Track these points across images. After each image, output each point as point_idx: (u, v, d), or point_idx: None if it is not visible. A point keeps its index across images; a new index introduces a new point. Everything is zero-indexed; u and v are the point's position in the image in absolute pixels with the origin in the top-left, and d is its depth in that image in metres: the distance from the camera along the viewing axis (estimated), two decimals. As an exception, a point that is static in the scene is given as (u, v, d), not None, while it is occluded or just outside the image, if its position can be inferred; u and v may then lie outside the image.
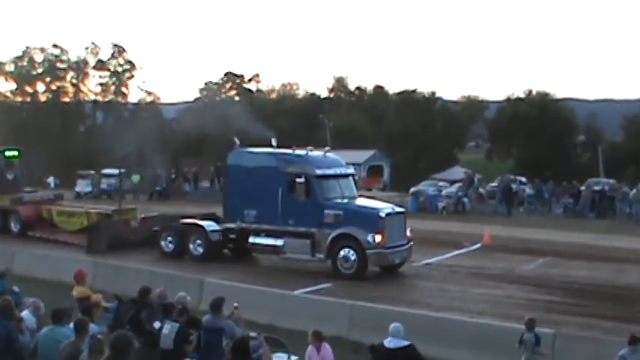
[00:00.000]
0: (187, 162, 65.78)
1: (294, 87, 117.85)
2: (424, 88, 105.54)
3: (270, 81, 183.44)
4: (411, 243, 26.76)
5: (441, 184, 55.01)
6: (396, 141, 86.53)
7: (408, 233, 26.80)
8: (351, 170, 29.28)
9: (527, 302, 22.34)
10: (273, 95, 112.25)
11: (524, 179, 55.96)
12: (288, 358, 13.06)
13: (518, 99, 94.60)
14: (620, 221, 42.55)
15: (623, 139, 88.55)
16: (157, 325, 12.81)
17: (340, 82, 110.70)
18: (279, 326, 17.62)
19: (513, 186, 50.11)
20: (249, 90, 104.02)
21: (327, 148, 29.47)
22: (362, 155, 66.08)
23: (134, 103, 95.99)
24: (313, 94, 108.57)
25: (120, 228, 31.70)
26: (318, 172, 26.83)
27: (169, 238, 29.31)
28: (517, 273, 26.54)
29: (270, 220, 27.13)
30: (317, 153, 28.27)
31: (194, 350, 12.50)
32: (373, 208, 26.95)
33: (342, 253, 25.55)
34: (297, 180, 26.35)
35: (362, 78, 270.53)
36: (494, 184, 53.56)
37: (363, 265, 25.42)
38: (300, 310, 19.01)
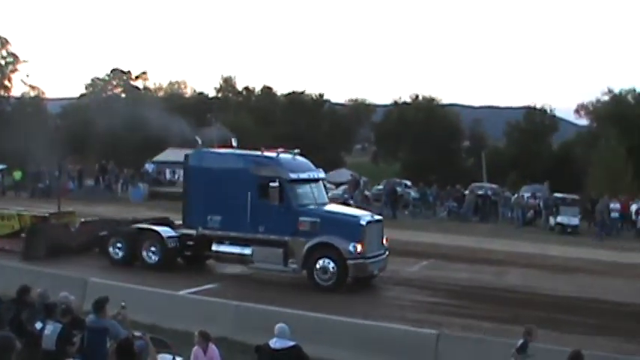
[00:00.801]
0: (72, 159, 64.45)
1: (182, 85, 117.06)
2: (312, 90, 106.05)
3: (157, 79, 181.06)
4: (387, 252, 25.56)
5: (327, 186, 55.30)
6: (283, 142, 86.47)
7: (384, 242, 25.54)
8: (322, 174, 27.56)
9: (411, 304, 22.85)
10: (161, 93, 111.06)
11: (409, 183, 56.88)
12: (173, 358, 12.91)
13: (405, 103, 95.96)
14: (502, 225, 43.66)
15: (505, 145, 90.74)
16: (38, 325, 12.48)
17: (228, 82, 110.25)
18: (164, 327, 17.34)
19: (398, 189, 50.94)
20: (136, 87, 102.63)
21: (296, 151, 27.23)
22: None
23: (17, 98, 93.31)
24: (201, 94, 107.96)
25: (59, 233, 29.16)
26: (292, 175, 25.13)
27: (119, 245, 26.99)
28: (402, 275, 26.96)
29: (237, 227, 25.22)
30: (286, 155, 26.36)
31: (77, 351, 12.23)
32: (353, 216, 25.66)
33: (319, 263, 23.98)
34: (271, 184, 24.40)
35: (250, 78, 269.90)
36: (380, 187, 54.22)
37: (343, 276, 23.94)
38: (184, 310, 18.70)
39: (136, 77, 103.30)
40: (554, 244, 36.27)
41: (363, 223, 24.58)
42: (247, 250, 25.03)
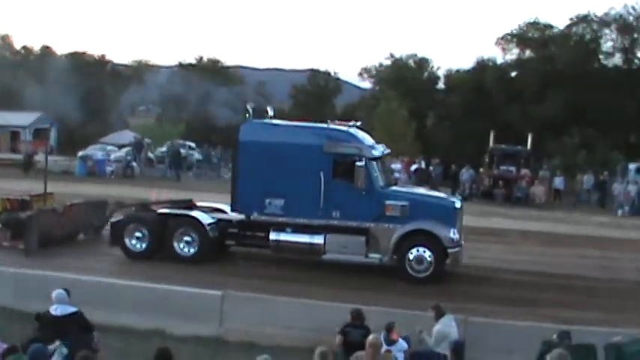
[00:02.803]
0: None
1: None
2: (94, 51, 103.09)
3: None
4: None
5: (109, 148, 54.43)
6: (64, 103, 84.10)
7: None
8: (387, 149, 24.40)
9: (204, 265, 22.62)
10: None
11: (193, 144, 56.66)
12: None
13: (190, 65, 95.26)
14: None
15: (290, 107, 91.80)
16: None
17: (5, 40, 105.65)
18: None
19: (182, 151, 50.72)
20: None
21: (358, 123, 23.78)
22: (27, 117, 63.65)
23: None
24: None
25: (50, 219, 24.64)
26: (375, 153, 22.44)
27: (139, 234, 23.15)
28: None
29: (305, 213, 22.03)
30: (356, 129, 23.16)
31: None
32: (443, 199, 23.67)
33: (413, 252, 21.57)
34: (357, 164, 21.49)
35: (28, 37, 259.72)
36: (164, 148, 53.79)
37: (440, 266, 21.62)
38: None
39: None
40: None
41: (458, 206, 22.73)
42: (318, 239, 22.00)
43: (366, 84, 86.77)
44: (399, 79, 72.33)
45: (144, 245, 23.17)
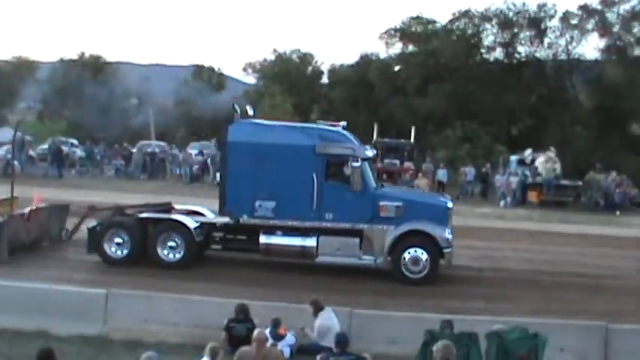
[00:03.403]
0: None
1: None
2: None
3: None
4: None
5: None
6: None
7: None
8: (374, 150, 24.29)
9: (80, 264, 22.43)
10: None
11: (75, 141, 55.79)
12: None
13: (72, 61, 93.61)
14: (171, 182, 44.12)
15: (174, 102, 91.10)
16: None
17: None
18: None
19: (65, 148, 49.90)
20: None
21: (343, 123, 23.58)
22: None
23: None
24: None
25: (18, 226, 23.17)
26: (368, 153, 22.56)
27: (118, 239, 22.32)
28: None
29: (296, 215, 21.71)
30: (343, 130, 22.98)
31: None
32: (435, 199, 23.84)
33: (408, 253, 21.51)
34: (353, 165, 21.39)
35: None
36: (45, 146, 52.80)
37: (435, 267, 21.58)
38: None
39: None
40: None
41: (450, 206, 22.78)
42: (310, 242, 21.67)
43: (251, 79, 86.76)
44: (282, 73, 72.53)
45: (125, 251, 22.41)
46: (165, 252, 22.20)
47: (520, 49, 66.17)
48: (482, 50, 66.52)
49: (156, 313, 16.09)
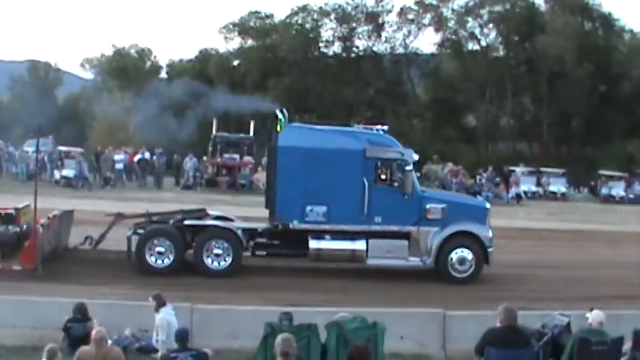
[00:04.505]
0: None
1: None
2: None
3: None
4: None
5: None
6: None
7: None
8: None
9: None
10: None
11: None
12: None
13: None
14: (7, 179, 43.10)
15: (10, 98, 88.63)
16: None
17: None
18: None
19: None
20: None
21: (385, 127, 23.38)
22: None
23: None
24: None
25: (50, 235, 21.74)
26: (415, 157, 22.53)
27: (160, 248, 21.51)
28: None
29: (347, 219, 21.69)
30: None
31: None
32: (476, 200, 24.36)
33: (455, 254, 21.92)
34: (407, 169, 21.74)
35: None
36: None
37: (479, 266, 22.01)
38: None
39: None
40: (62, 197, 36.39)
41: (488, 206, 23.44)
42: (360, 245, 21.64)
43: (89, 75, 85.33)
44: (120, 69, 71.60)
45: (166, 261, 21.75)
46: (210, 260, 21.85)
47: (358, 43, 67.96)
48: (321, 44, 67.50)
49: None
